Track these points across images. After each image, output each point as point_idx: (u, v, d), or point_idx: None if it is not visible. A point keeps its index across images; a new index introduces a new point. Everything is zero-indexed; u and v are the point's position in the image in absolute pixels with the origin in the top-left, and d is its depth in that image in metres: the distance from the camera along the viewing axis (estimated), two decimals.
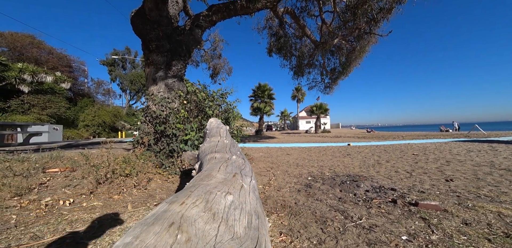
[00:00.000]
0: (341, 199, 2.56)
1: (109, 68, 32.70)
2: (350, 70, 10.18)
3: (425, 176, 3.59)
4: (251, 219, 0.75)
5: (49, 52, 19.21)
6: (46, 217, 1.87)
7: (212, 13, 5.72)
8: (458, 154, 5.88)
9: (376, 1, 7.14)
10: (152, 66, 4.95)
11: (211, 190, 0.74)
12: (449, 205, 2.22)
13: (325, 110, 30.92)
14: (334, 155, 6.54)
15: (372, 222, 1.91)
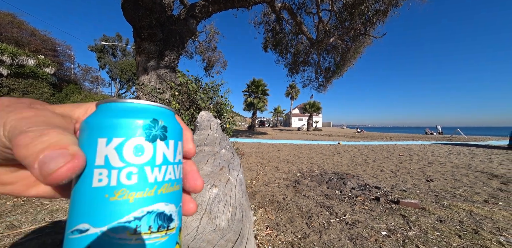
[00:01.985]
0: (328, 196, 2.64)
1: (98, 54, 31.29)
2: (344, 70, 10.35)
3: (408, 176, 3.76)
4: (235, 212, 0.77)
5: (32, 34, 18.05)
6: (25, 206, 1.80)
7: (208, 4, 5.59)
8: (440, 156, 6.19)
9: (373, 2, 7.23)
10: (144, 55, 4.79)
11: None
12: (427, 204, 2.35)
13: (318, 108, 31.38)
14: (324, 153, 6.69)
15: (355, 218, 1.99)
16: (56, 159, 0.14)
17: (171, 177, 0.19)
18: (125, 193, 0.16)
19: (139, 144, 0.17)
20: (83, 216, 0.16)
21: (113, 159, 0.17)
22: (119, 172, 0.16)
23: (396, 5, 7.28)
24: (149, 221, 0.17)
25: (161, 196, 0.18)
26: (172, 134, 0.20)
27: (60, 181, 0.14)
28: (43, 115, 0.16)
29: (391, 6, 7.33)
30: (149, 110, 0.19)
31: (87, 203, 0.16)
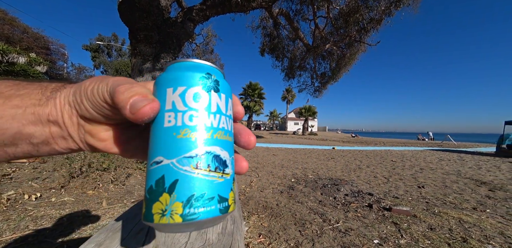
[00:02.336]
0: (321, 202, 2.65)
1: (92, 54, 30.81)
2: (340, 76, 10.50)
3: (400, 182, 3.82)
4: (226, 224, 0.75)
5: (24, 31, 17.61)
6: (7, 212, 1.73)
7: (206, 7, 5.60)
8: (431, 162, 6.32)
9: (367, 11, 7.41)
10: (139, 57, 4.74)
11: None
12: (418, 211, 2.39)
13: (313, 113, 31.68)
14: (319, 157, 6.73)
15: (348, 226, 2.00)
16: (141, 101, 0.19)
17: (224, 126, 0.22)
18: (188, 132, 0.20)
19: (197, 92, 0.21)
20: (158, 151, 0.20)
21: (178, 103, 0.21)
22: (183, 115, 0.20)
23: (390, 14, 7.49)
24: (208, 160, 0.20)
25: (216, 140, 0.21)
26: (223, 88, 0.23)
27: (143, 116, 0.19)
28: (130, 79, 0.23)
29: (385, 15, 7.53)
30: (204, 66, 0.23)
31: (161, 140, 0.20)
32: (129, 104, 0.19)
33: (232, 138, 0.24)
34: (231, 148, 0.23)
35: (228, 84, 0.25)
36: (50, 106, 0.21)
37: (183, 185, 0.19)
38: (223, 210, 0.20)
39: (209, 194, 0.20)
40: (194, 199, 0.19)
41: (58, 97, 0.22)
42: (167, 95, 0.21)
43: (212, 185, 0.20)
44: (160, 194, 0.19)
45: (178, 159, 0.19)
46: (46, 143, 0.22)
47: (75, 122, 0.22)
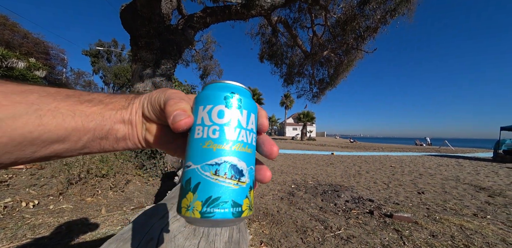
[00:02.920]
0: (322, 209, 2.64)
1: (92, 59, 30.84)
2: (338, 82, 10.62)
3: (400, 188, 3.82)
4: (232, 234, 0.75)
5: (24, 36, 17.64)
6: (4, 220, 1.69)
7: (206, 15, 5.68)
8: (429, 167, 6.35)
9: (364, 20, 7.59)
10: (140, 63, 4.76)
11: None
12: (419, 217, 2.38)
13: (312, 118, 31.81)
14: (318, 163, 6.73)
15: (350, 233, 1.99)
16: (179, 116, 0.24)
17: (243, 139, 0.25)
18: (211, 144, 0.24)
19: (221, 109, 0.25)
20: (190, 157, 0.24)
21: (205, 119, 0.25)
22: (208, 129, 0.24)
23: (385, 23, 7.67)
24: (225, 168, 0.23)
25: (234, 152, 0.24)
26: (245, 106, 0.26)
27: (179, 128, 0.24)
28: (180, 92, 0.28)
29: (381, 24, 7.71)
30: (230, 86, 0.26)
31: (192, 148, 0.24)
32: (172, 116, 0.24)
33: (252, 150, 0.26)
34: (249, 159, 0.25)
35: (252, 101, 0.27)
36: (129, 109, 0.28)
37: (204, 187, 0.23)
38: (235, 214, 0.23)
39: (224, 198, 0.22)
40: (211, 200, 0.22)
41: (135, 103, 0.29)
42: (199, 112, 0.25)
43: (227, 190, 0.23)
44: (187, 192, 0.23)
45: (201, 165, 0.23)
46: (124, 139, 0.28)
47: (141, 121, 0.29)
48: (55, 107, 0.23)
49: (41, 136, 0.22)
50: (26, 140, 0.22)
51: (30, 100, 0.22)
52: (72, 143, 0.25)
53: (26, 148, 0.22)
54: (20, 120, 0.21)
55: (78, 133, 0.24)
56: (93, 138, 0.26)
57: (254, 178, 0.27)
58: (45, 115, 0.22)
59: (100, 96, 0.28)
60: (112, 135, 0.27)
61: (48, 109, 0.23)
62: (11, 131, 0.21)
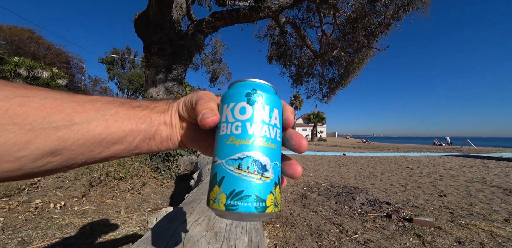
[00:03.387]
0: (337, 212, 2.57)
1: (107, 66, 32.47)
2: (348, 81, 10.35)
3: (419, 190, 3.63)
4: (251, 237, 0.76)
5: (48, 48, 19.01)
6: (35, 220, 1.82)
7: (215, 19, 5.79)
8: (451, 168, 5.98)
9: (375, 16, 7.35)
10: (153, 68, 4.95)
11: None
12: (442, 222, 2.25)
13: (322, 119, 31.23)
14: (330, 164, 6.58)
15: (367, 237, 1.92)
16: (207, 114, 0.26)
17: (266, 134, 0.25)
18: (234, 139, 0.24)
19: (243, 106, 0.25)
20: (216, 152, 0.26)
21: (229, 116, 0.26)
22: (231, 125, 0.25)
23: (398, 18, 7.37)
24: (248, 163, 0.24)
25: (257, 147, 0.24)
26: (267, 101, 0.26)
27: (206, 125, 0.26)
28: (209, 93, 0.30)
29: (393, 20, 7.42)
30: (252, 83, 0.27)
31: (218, 144, 0.26)
32: (201, 114, 0.26)
33: (276, 145, 0.26)
34: (273, 154, 0.25)
35: (275, 97, 0.28)
36: (169, 112, 0.31)
37: (228, 181, 0.23)
38: (259, 209, 0.23)
39: (247, 192, 0.23)
40: (234, 194, 0.23)
41: (173, 106, 0.32)
42: (223, 110, 0.27)
43: (250, 185, 0.23)
44: (214, 185, 0.25)
45: (226, 160, 0.24)
46: (167, 139, 0.31)
47: (178, 122, 0.32)
48: (115, 112, 0.26)
49: (107, 138, 0.25)
50: (96, 141, 0.25)
51: (97, 107, 0.26)
52: (128, 144, 0.27)
53: (95, 148, 0.25)
54: (92, 124, 0.24)
55: (133, 134, 0.27)
56: (144, 138, 0.29)
57: (280, 174, 0.27)
58: (109, 119, 0.26)
59: (145, 102, 0.31)
60: (158, 135, 0.30)
61: (111, 114, 0.26)
62: (86, 133, 0.24)
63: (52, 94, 0.24)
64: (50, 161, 0.22)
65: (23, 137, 0.20)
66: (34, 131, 0.21)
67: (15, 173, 0.21)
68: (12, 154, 0.20)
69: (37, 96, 0.22)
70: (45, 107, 0.22)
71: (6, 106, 0.20)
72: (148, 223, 1.88)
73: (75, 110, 0.24)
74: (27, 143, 0.21)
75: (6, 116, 0.20)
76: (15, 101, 0.21)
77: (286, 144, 0.29)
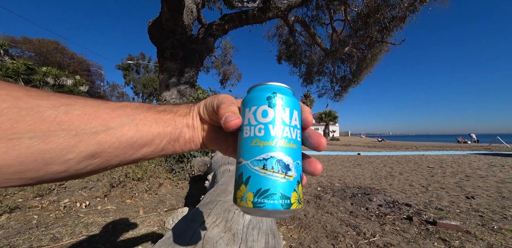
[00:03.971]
0: (353, 213, 2.48)
1: (124, 72, 34.20)
2: (361, 78, 9.99)
3: (442, 192, 3.41)
4: (268, 239, 0.75)
5: (71, 57, 20.47)
6: (64, 219, 1.96)
7: (224, 22, 5.88)
8: (478, 168, 5.54)
9: (389, 10, 7.03)
10: (166, 73, 5.13)
11: (229, 207, 0.75)
12: (471, 226, 2.09)
13: (334, 117, 30.44)
14: (344, 164, 6.38)
15: (387, 240, 1.84)
16: (230, 117, 0.27)
17: (287, 135, 0.26)
18: (258, 141, 0.26)
19: (265, 109, 0.26)
20: (240, 153, 0.27)
21: (251, 119, 0.27)
22: (254, 128, 0.26)
23: (414, 10, 6.98)
24: (272, 163, 0.25)
25: (280, 147, 0.25)
26: (288, 103, 0.27)
27: (230, 128, 0.27)
28: (230, 97, 0.31)
29: (409, 12, 7.04)
30: (271, 87, 0.28)
31: (242, 146, 0.27)
32: (224, 117, 0.27)
33: (297, 145, 0.27)
34: (296, 154, 0.27)
35: (294, 99, 0.29)
36: (191, 115, 0.33)
37: (254, 180, 0.25)
38: (284, 205, 0.24)
39: (272, 190, 0.24)
40: (261, 192, 0.24)
41: (194, 109, 0.33)
42: (245, 114, 0.28)
43: (275, 183, 0.24)
44: (240, 184, 0.26)
45: (251, 161, 0.25)
46: (189, 141, 0.32)
47: (199, 124, 0.33)
48: (144, 117, 0.28)
49: (138, 141, 0.27)
50: (129, 144, 0.26)
51: (127, 112, 0.27)
52: (156, 146, 0.29)
53: (127, 151, 0.27)
54: (125, 128, 0.26)
55: (160, 137, 0.29)
56: (169, 140, 0.30)
57: (302, 172, 0.28)
58: (139, 124, 0.27)
59: (169, 107, 0.33)
60: (182, 137, 0.31)
61: (140, 118, 0.28)
62: (120, 137, 0.25)
63: (90, 102, 0.26)
64: (91, 163, 0.24)
65: (70, 141, 0.22)
66: (78, 135, 0.23)
67: (63, 174, 0.23)
68: (61, 157, 0.22)
69: (77, 104, 0.24)
70: (85, 114, 0.24)
71: (55, 114, 0.22)
72: (165, 223, 1.95)
73: (110, 116, 0.26)
74: (73, 147, 0.22)
75: (55, 123, 0.22)
76: (61, 109, 0.23)
77: (306, 143, 0.30)
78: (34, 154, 0.21)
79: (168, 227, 1.86)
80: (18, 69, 12.14)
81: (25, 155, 0.20)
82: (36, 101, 0.22)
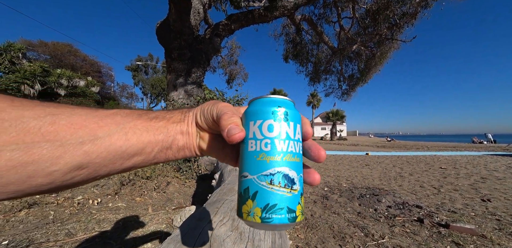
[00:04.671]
0: (361, 214, 2.44)
1: (133, 73, 35.09)
2: (370, 77, 9.76)
3: (456, 194, 3.28)
4: (275, 238, 0.76)
5: (83, 59, 21.25)
6: (78, 215, 2.04)
7: (231, 22, 5.91)
8: (495, 169, 5.29)
9: (399, 6, 6.81)
10: (173, 73, 5.22)
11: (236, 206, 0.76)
12: (487, 230, 2.00)
13: (342, 117, 29.94)
14: (352, 164, 6.27)
15: (396, 243, 1.79)
16: (234, 129, 0.26)
17: (292, 150, 0.26)
18: (264, 156, 0.25)
19: (270, 123, 0.26)
20: (245, 167, 0.27)
21: (257, 133, 0.27)
22: (260, 142, 0.26)
23: (426, 6, 6.73)
24: (279, 178, 0.25)
25: (286, 162, 0.26)
26: (291, 117, 0.28)
27: (234, 141, 0.26)
28: (230, 106, 0.31)
29: (421, 8, 6.79)
30: (276, 101, 0.28)
31: (247, 160, 0.27)
32: (227, 129, 0.26)
33: (300, 159, 0.28)
34: (299, 167, 0.27)
35: (296, 112, 0.29)
36: (185, 121, 0.32)
37: (261, 195, 0.25)
38: (291, 219, 0.25)
39: (280, 205, 0.25)
40: (269, 207, 0.25)
41: (189, 115, 0.32)
42: (250, 127, 0.27)
43: (282, 198, 0.25)
44: (246, 199, 0.26)
45: (258, 175, 0.25)
46: (183, 148, 0.31)
47: (195, 131, 0.32)
48: (134, 125, 0.27)
49: (127, 150, 0.26)
50: (118, 154, 0.25)
51: (117, 121, 0.27)
52: (147, 154, 0.28)
53: (117, 160, 0.26)
54: (113, 137, 0.25)
55: (151, 145, 0.28)
56: (161, 148, 0.29)
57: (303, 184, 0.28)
58: (129, 132, 0.26)
59: (162, 113, 0.32)
60: (175, 145, 0.30)
61: (130, 127, 0.27)
62: (109, 146, 0.25)
63: (77, 110, 0.25)
64: (78, 174, 0.24)
65: (55, 153, 0.22)
66: (63, 146, 0.22)
67: (47, 186, 0.22)
68: (45, 169, 0.21)
69: (64, 113, 0.24)
70: (71, 124, 0.23)
71: (39, 125, 0.21)
72: (173, 221, 1.99)
73: (98, 125, 0.25)
74: (58, 158, 0.22)
75: (39, 134, 0.21)
76: (47, 120, 0.22)
77: (306, 155, 0.30)
78: (15, 167, 0.20)
79: (176, 225, 1.90)
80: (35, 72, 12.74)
81: (5, 168, 0.19)
82: (20, 112, 0.21)
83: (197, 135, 0.32)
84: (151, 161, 0.29)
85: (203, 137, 0.32)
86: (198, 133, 0.32)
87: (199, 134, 0.32)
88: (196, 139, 0.32)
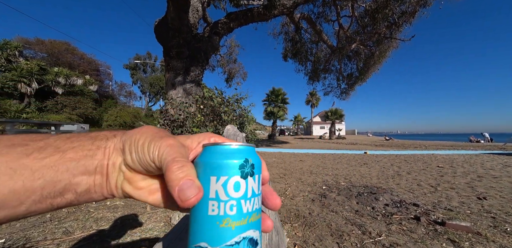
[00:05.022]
0: (358, 212, 2.46)
1: (131, 71, 34.90)
2: (368, 76, 9.80)
3: (452, 192, 3.31)
4: (272, 235, 0.76)
5: (81, 58, 21.08)
6: (76, 213, 2.04)
7: (230, 20, 5.89)
8: (492, 168, 5.34)
9: (398, 5, 6.83)
10: (172, 71, 5.20)
11: None
12: (482, 228, 2.02)
13: (340, 116, 30.03)
14: (350, 163, 6.30)
15: (393, 240, 1.81)
16: (189, 188, 0.20)
17: (256, 207, 0.23)
18: (229, 222, 0.21)
19: (237, 181, 0.22)
20: (202, 236, 0.21)
21: (221, 193, 0.22)
22: (225, 204, 0.21)
23: (425, 5, 6.75)
24: (244, 245, 0.22)
25: (251, 224, 0.22)
26: (257, 169, 0.24)
27: (189, 205, 0.20)
28: (179, 145, 0.23)
29: (419, 7, 6.82)
30: (242, 151, 0.24)
31: (205, 227, 0.21)
32: (178, 189, 0.20)
33: (260, 214, 0.25)
34: (260, 223, 0.24)
35: (258, 158, 0.25)
36: (99, 155, 0.23)
37: None
38: None
39: None
40: None
41: (108, 145, 0.24)
42: (211, 184, 0.22)
43: None
44: None
45: (221, 247, 0.21)
46: (87, 192, 0.23)
47: (117, 169, 0.24)
48: None
49: None
50: None
51: None
52: (10, 209, 0.19)
53: None
54: None
55: (17, 196, 0.19)
56: (41, 198, 0.20)
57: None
58: None
59: (57, 141, 0.22)
60: (69, 190, 0.21)
61: None
62: None
63: None
64: None
65: None
66: None
67: None
68: None
69: None
70: None
71: None
72: (171, 219, 1.99)
73: None
74: None
75: None
76: None
77: (263, 203, 0.26)
78: None
79: (174, 223, 1.90)
80: (31, 70, 12.62)
81: None
82: None
83: (120, 174, 0.24)
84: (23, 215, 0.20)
85: (131, 178, 0.24)
86: (123, 173, 0.24)
87: (124, 174, 0.24)
88: (117, 180, 0.24)
